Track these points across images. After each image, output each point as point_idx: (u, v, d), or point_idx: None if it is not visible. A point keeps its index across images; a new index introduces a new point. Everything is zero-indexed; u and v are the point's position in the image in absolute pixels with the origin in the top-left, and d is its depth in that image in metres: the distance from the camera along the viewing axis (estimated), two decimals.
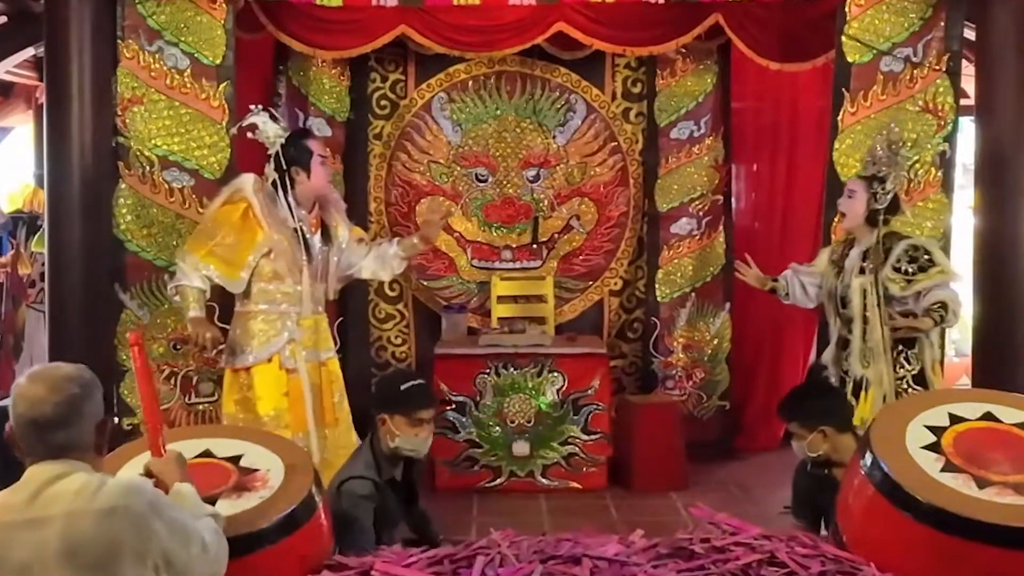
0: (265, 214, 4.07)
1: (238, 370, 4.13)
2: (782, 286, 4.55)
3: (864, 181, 4.18)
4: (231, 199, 4.11)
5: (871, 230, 4.16)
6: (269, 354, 4.10)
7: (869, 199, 4.14)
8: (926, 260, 4.07)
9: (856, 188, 4.18)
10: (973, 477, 2.77)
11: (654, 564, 2.72)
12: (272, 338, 4.10)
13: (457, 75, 6.07)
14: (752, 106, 6.29)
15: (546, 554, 2.78)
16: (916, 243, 4.16)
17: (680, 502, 4.95)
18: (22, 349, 6.43)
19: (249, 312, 4.17)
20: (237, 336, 4.16)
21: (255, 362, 4.10)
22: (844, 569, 2.70)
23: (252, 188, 4.09)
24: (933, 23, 4.87)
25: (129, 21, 4.85)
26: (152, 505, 2.12)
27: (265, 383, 4.09)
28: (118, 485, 2.13)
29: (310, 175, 4.16)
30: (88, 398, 2.22)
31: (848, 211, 4.19)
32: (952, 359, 6.12)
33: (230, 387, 4.17)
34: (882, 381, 4.06)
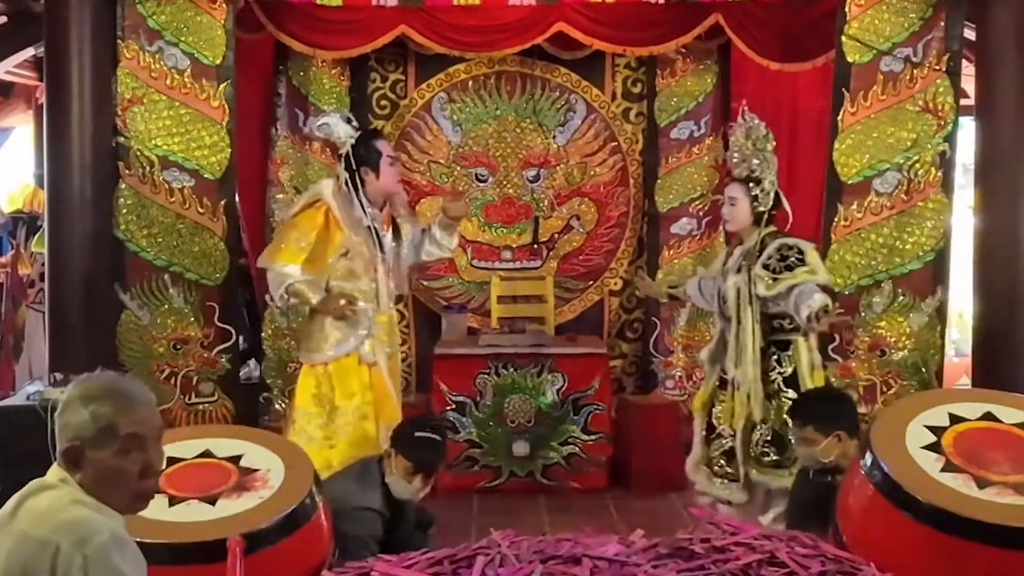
0: (343, 216, 4.13)
1: (315, 365, 4.18)
2: (680, 291, 4.55)
3: (742, 185, 4.08)
4: (310, 203, 4.18)
5: (757, 229, 4.09)
6: (348, 350, 4.14)
7: (751, 202, 4.07)
8: (796, 259, 3.95)
9: (737, 195, 4.09)
10: (973, 477, 2.77)
11: (654, 564, 2.72)
12: (351, 334, 4.14)
13: (457, 75, 6.07)
14: (752, 106, 6.27)
15: (546, 554, 2.78)
16: (790, 242, 4.02)
17: (680, 502, 4.95)
18: (22, 349, 6.43)
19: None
20: (314, 333, 4.19)
21: (334, 357, 4.15)
22: (844, 569, 2.69)
23: (331, 192, 4.17)
24: (933, 23, 4.87)
25: (129, 21, 4.85)
26: (89, 559, 1.86)
27: (345, 377, 4.14)
28: (68, 521, 1.90)
29: (379, 175, 4.20)
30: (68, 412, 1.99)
31: (731, 218, 4.13)
32: (952, 359, 6.12)
33: (306, 381, 4.20)
34: (748, 380, 4.01)
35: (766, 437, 4.02)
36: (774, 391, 4.04)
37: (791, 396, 3.99)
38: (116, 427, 1.94)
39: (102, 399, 1.96)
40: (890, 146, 4.90)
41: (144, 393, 2.03)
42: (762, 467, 4.02)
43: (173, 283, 4.94)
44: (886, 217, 4.92)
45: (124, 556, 1.91)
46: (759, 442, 4.04)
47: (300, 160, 6.01)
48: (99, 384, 2.00)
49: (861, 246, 4.94)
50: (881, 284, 4.94)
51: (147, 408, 2.01)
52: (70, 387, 2.00)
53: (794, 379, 4.03)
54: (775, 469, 4.00)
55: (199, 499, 2.97)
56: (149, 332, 4.93)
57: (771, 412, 4.02)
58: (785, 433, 3.95)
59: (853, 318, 4.89)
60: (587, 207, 6.20)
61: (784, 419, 3.94)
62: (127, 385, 2.03)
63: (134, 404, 1.98)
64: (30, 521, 1.92)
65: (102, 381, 2.01)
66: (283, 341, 6.01)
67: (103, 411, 1.95)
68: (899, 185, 4.91)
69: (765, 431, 4.02)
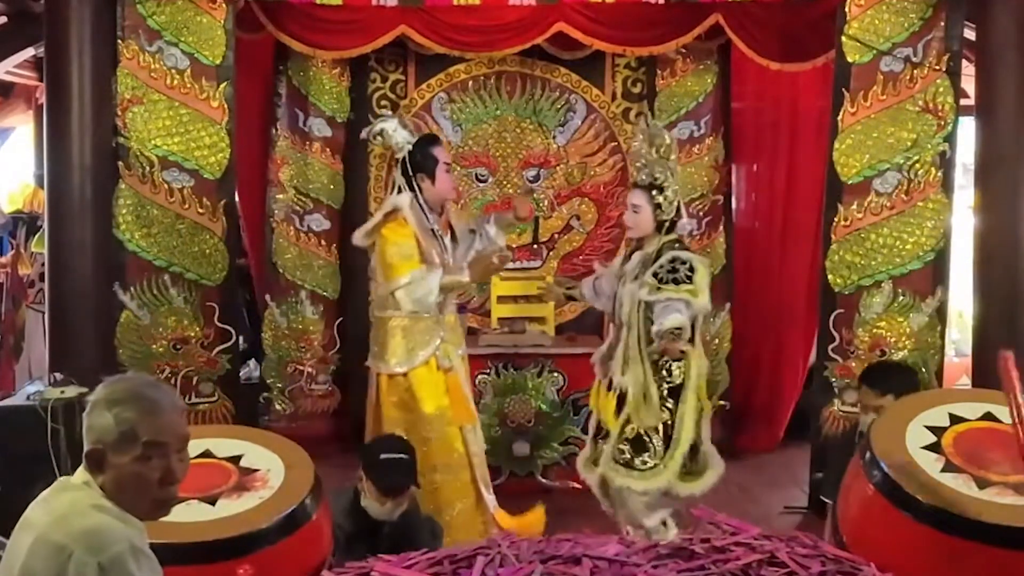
0: (418, 226, 4.14)
1: (394, 376, 4.18)
2: (576, 292, 4.53)
3: (645, 192, 4.06)
4: (388, 214, 4.16)
5: (658, 236, 4.07)
6: (425, 357, 4.15)
7: (654, 210, 4.05)
8: (685, 275, 3.93)
9: (640, 202, 4.06)
10: (973, 477, 2.77)
11: (654, 564, 2.72)
12: (425, 342, 4.15)
13: (457, 75, 6.07)
14: (752, 106, 6.29)
15: (546, 554, 2.77)
16: (684, 256, 3.99)
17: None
18: (22, 349, 6.43)
19: (394, 318, 4.19)
20: (386, 342, 4.19)
21: (411, 367, 4.15)
22: (844, 569, 2.69)
23: (408, 204, 4.15)
24: (933, 23, 4.87)
25: (129, 21, 4.85)
26: (103, 568, 1.85)
27: (425, 385, 4.15)
28: (86, 528, 1.90)
29: (435, 182, 4.20)
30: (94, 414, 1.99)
31: (634, 225, 4.10)
32: (952, 359, 6.11)
33: (388, 391, 4.20)
34: (638, 388, 4.01)
35: (629, 435, 4.03)
36: (660, 399, 4.03)
37: (670, 407, 4.00)
38: (137, 433, 1.94)
39: (126, 403, 1.96)
40: (890, 146, 4.90)
41: (170, 400, 2.02)
42: (614, 463, 4.04)
43: (173, 283, 4.95)
44: (886, 217, 4.92)
45: (140, 566, 1.90)
46: (623, 437, 4.05)
47: (300, 160, 6.01)
48: (126, 388, 1.99)
49: (861, 246, 4.94)
50: (881, 284, 4.94)
51: (171, 415, 1.99)
52: (99, 388, 2.00)
53: (677, 391, 4.03)
54: (625, 468, 4.03)
55: (199, 499, 2.97)
56: (149, 332, 4.93)
57: (643, 414, 4.01)
58: (648, 439, 4.01)
59: (853, 318, 4.91)
60: (587, 207, 6.20)
61: (655, 425, 3.98)
62: (153, 391, 2.01)
63: (158, 411, 1.97)
64: (49, 523, 1.92)
65: (129, 385, 2.00)
66: (283, 341, 6.02)
67: (126, 416, 1.94)
68: (899, 185, 4.90)
69: (631, 430, 4.03)
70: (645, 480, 4.00)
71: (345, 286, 6.13)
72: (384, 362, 4.21)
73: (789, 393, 6.16)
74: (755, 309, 6.23)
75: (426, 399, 4.15)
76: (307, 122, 5.99)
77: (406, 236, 4.12)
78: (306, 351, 6.07)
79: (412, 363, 4.16)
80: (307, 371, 6.07)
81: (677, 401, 4.02)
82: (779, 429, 6.18)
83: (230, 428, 4.19)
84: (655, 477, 4.00)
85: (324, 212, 6.05)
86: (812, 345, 5.61)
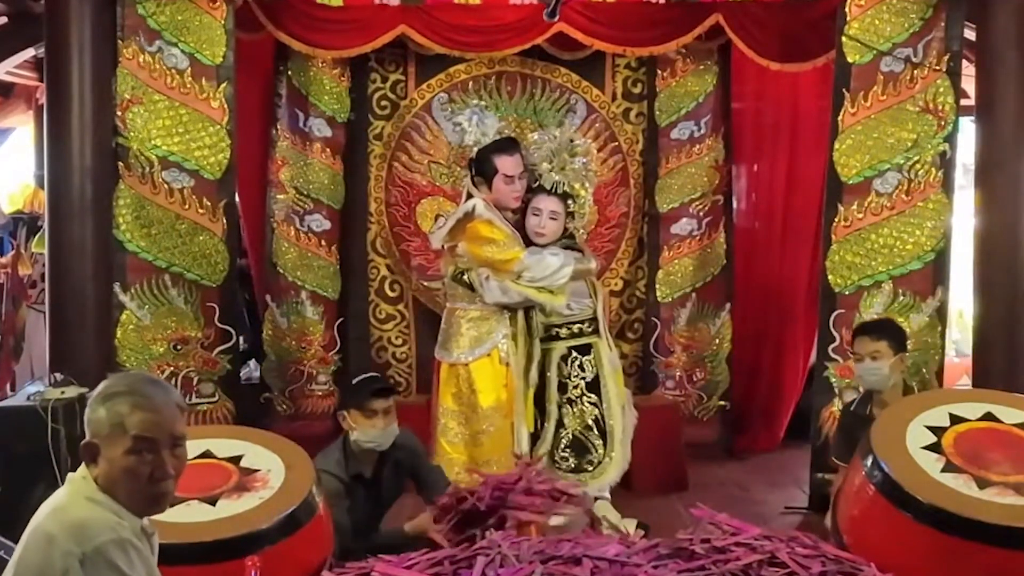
0: (500, 222, 4.24)
1: (455, 364, 4.26)
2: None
3: (560, 201, 4.24)
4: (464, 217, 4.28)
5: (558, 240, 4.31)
6: (488, 349, 4.22)
7: (567, 217, 4.27)
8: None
9: (558, 209, 4.25)
10: (973, 477, 2.77)
11: (654, 564, 2.72)
12: (489, 334, 4.22)
13: (457, 75, 6.06)
14: (752, 106, 6.29)
15: (546, 554, 2.78)
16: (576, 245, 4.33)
17: (680, 503, 4.95)
18: (22, 350, 6.43)
19: (463, 309, 4.31)
20: (452, 332, 4.28)
21: (474, 358, 4.23)
22: (844, 569, 2.69)
23: (483, 206, 4.27)
24: (933, 23, 4.87)
25: (129, 21, 4.85)
26: (87, 558, 1.86)
27: (485, 377, 4.22)
28: (75, 519, 1.92)
29: (491, 189, 4.29)
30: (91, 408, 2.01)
31: (548, 232, 4.26)
32: (952, 359, 6.12)
33: (447, 381, 4.29)
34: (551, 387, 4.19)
35: (566, 442, 4.14)
36: (576, 396, 4.17)
37: (593, 400, 4.18)
38: (126, 426, 1.95)
39: (120, 397, 1.98)
40: (890, 146, 4.90)
41: (164, 397, 2.01)
42: (561, 472, 4.14)
43: (173, 283, 4.95)
44: (886, 217, 4.92)
45: (128, 559, 1.91)
46: (560, 446, 4.17)
47: (300, 160, 6.00)
48: (122, 383, 2.02)
49: (861, 246, 4.94)
50: (881, 284, 4.94)
51: (164, 411, 1.99)
52: (101, 383, 2.02)
53: (596, 384, 4.19)
54: (573, 474, 4.14)
55: (199, 499, 2.97)
56: (149, 332, 4.93)
57: (573, 418, 4.15)
58: (584, 439, 4.13)
59: (853, 318, 4.91)
60: None
61: (587, 424, 4.15)
62: (149, 387, 2.02)
63: (150, 406, 1.97)
64: (45, 513, 1.96)
65: (127, 380, 2.03)
66: (283, 342, 6.02)
67: (118, 409, 1.96)
68: (899, 185, 4.90)
69: (565, 436, 4.14)
70: (595, 479, 4.18)
71: (345, 286, 6.12)
72: (447, 351, 4.29)
73: (789, 393, 6.16)
74: (755, 309, 6.23)
75: (485, 391, 4.21)
76: (307, 122, 5.98)
77: (497, 230, 4.21)
78: (306, 351, 6.06)
79: (474, 354, 4.22)
80: (307, 371, 6.07)
81: (598, 394, 4.19)
82: (779, 429, 6.18)
83: (230, 428, 4.19)
84: (601, 475, 4.20)
85: (324, 212, 6.04)
86: (812, 345, 5.62)
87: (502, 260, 4.22)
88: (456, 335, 4.24)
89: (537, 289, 4.22)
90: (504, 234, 4.24)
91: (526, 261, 4.20)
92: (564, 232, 4.27)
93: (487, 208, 4.25)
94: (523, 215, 4.35)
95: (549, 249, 4.30)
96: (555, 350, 4.21)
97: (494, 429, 4.15)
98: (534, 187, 4.30)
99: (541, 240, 4.25)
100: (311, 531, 3.00)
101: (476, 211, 4.24)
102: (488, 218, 4.25)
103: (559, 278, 4.19)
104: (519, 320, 4.38)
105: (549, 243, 4.26)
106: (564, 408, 4.13)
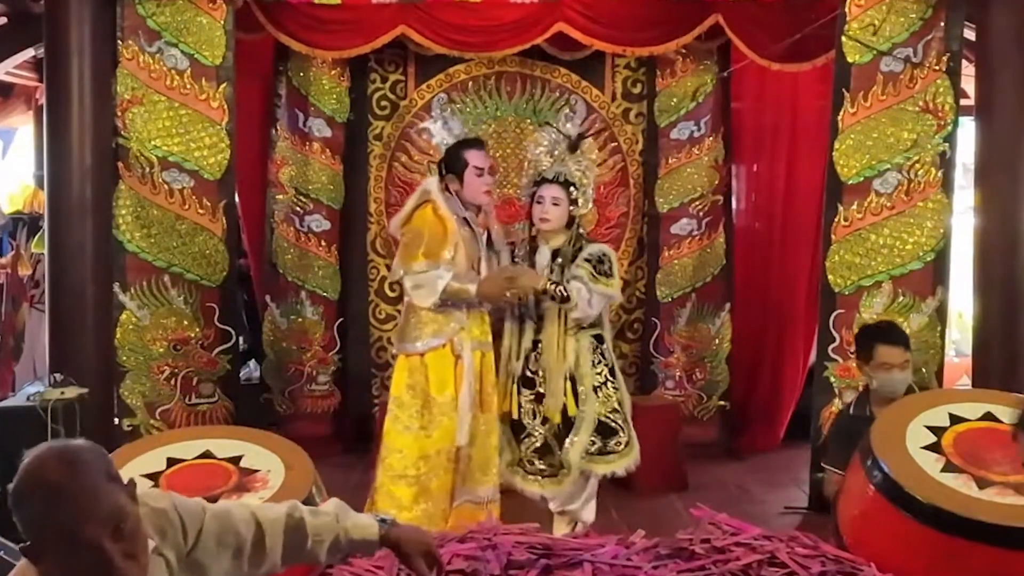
0: (447, 210, 4.22)
1: (411, 355, 4.25)
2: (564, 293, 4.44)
3: (563, 188, 4.25)
4: (420, 203, 4.26)
5: (567, 232, 4.30)
6: (443, 341, 4.21)
7: (570, 204, 4.27)
8: (607, 270, 4.24)
9: (560, 196, 4.25)
10: (973, 477, 2.77)
11: (654, 565, 2.72)
12: (446, 325, 4.21)
13: (457, 76, 6.07)
14: (752, 106, 6.29)
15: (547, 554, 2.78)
16: (606, 252, 4.31)
17: (680, 503, 4.95)
18: (22, 351, 6.43)
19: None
20: (410, 324, 4.26)
21: (430, 348, 4.21)
22: (844, 569, 2.70)
23: (437, 188, 4.27)
24: (933, 23, 4.87)
25: (129, 22, 4.85)
26: None
27: (439, 368, 4.20)
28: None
29: (463, 184, 4.28)
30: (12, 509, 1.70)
31: (552, 217, 4.26)
32: (952, 359, 6.12)
33: (401, 371, 4.26)
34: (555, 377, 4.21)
35: (593, 427, 4.22)
36: (600, 383, 4.25)
37: (616, 384, 4.29)
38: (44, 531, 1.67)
39: (29, 498, 1.68)
40: (890, 146, 4.90)
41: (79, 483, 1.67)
42: (589, 454, 4.22)
43: (173, 284, 4.95)
44: (886, 217, 4.92)
45: None
46: (585, 431, 4.21)
47: (300, 161, 6.01)
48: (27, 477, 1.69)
49: (861, 246, 4.94)
50: (881, 284, 4.94)
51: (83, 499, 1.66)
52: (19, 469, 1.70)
53: (613, 370, 4.32)
54: (600, 456, 4.23)
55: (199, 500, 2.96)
56: (149, 333, 4.93)
57: (600, 403, 4.24)
58: (612, 421, 4.23)
59: (853, 318, 4.91)
60: None
61: (614, 407, 4.25)
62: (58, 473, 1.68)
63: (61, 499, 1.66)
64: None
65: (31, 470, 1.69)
66: (283, 342, 6.02)
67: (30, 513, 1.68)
68: (899, 185, 4.90)
69: (590, 421, 4.21)
70: (623, 459, 4.27)
71: (345, 287, 6.13)
72: (407, 342, 4.27)
73: (789, 393, 6.16)
74: (755, 309, 6.23)
75: (438, 382, 4.20)
76: (307, 122, 5.99)
77: (432, 223, 4.17)
78: (306, 352, 6.07)
79: (431, 344, 4.21)
80: (307, 371, 6.07)
81: (616, 380, 4.31)
82: (779, 429, 6.18)
83: (230, 429, 4.19)
84: (628, 455, 4.27)
85: (324, 213, 6.04)
86: (812, 345, 5.61)
87: (407, 254, 4.20)
88: (416, 326, 4.23)
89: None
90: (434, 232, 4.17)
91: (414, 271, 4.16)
92: (570, 221, 4.28)
93: (442, 194, 4.24)
94: (530, 207, 4.36)
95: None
96: (583, 339, 4.25)
97: (447, 420, 4.15)
98: (537, 179, 4.33)
99: (546, 226, 4.29)
100: None
101: (431, 192, 4.25)
102: (440, 204, 4.22)
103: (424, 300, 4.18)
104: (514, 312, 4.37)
105: (553, 230, 4.27)
106: (592, 394, 4.20)
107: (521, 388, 4.31)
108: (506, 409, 4.33)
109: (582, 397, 4.23)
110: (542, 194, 4.29)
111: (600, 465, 4.25)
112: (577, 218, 4.33)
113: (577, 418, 4.22)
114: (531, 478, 4.30)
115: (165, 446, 3.30)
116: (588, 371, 4.25)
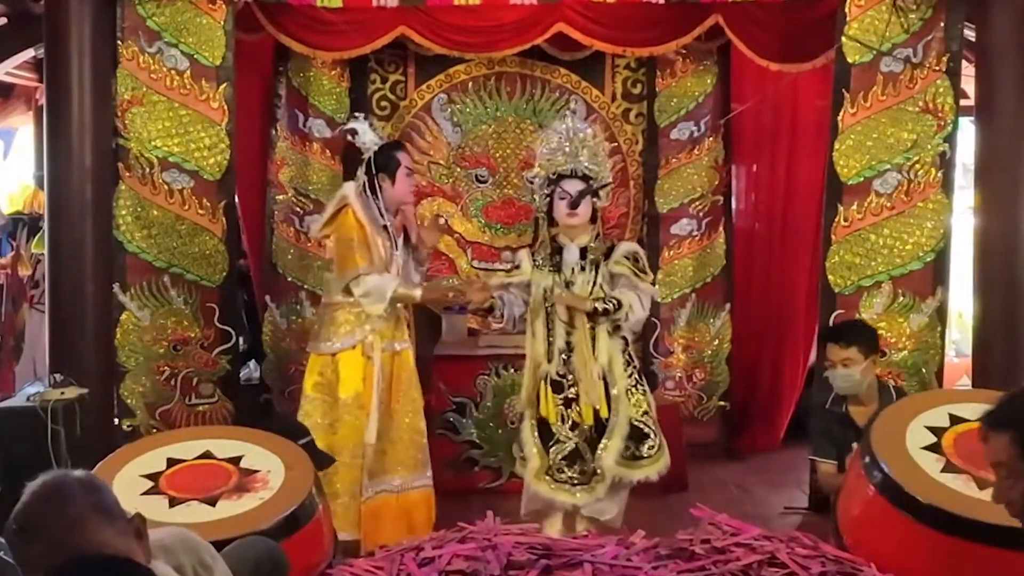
0: (364, 215, 4.30)
1: (322, 354, 4.35)
2: (499, 306, 4.38)
3: (584, 183, 4.22)
4: (338, 209, 4.34)
5: (591, 228, 4.28)
6: (355, 342, 4.30)
7: (593, 200, 4.26)
8: (643, 267, 4.30)
9: (584, 189, 4.23)
10: (973, 477, 2.77)
11: (654, 565, 2.72)
12: (357, 328, 4.30)
13: (457, 76, 6.07)
14: (752, 106, 6.29)
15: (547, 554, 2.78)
16: (638, 249, 4.38)
17: (680, 503, 4.94)
18: (22, 351, 6.43)
19: (337, 303, 4.36)
20: (324, 324, 4.38)
21: (341, 348, 4.31)
22: (844, 570, 2.70)
23: (354, 193, 4.34)
24: (933, 23, 4.87)
25: (129, 22, 4.85)
26: None
27: (349, 368, 4.30)
28: None
29: (394, 183, 4.36)
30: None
31: (580, 211, 4.23)
32: (952, 359, 6.11)
33: (312, 370, 4.37)
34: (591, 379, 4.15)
35: (626, 431, 4.15)
36: (631, 385, 4.21)
37: (644, 388, 4.28)
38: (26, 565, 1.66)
39: (15, 535, 1.68)
40: (890, 146, 4.90)
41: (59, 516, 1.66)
42: (622, 459, 4.14)
43: (173, 284, 4.95)
44: (886, 217, 4.92)
45: None
46: (619, 435, 4.15)
47: (300, 161, 6.01)
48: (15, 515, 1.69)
49: (861, 246, 4.94)
50: (881, 284, 4.94)
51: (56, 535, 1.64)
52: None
53: (641, 373, 4.33)
54: (633, 461, 4.15)
55: (199, 500, 2.97)
56: (149, 333, 4.94)
57: (632, 406, 4.17)
58: (644, 425, 4.16)
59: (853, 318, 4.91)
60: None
61: (644, 410, 4.19)
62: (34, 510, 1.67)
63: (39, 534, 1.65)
64: None
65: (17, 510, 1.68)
66: (283, 342, 6.02)
67: (14, 550, 1.67)
68: (899, 186, 4.90)
69: (623, 425, 4.15)
70: (655, 464, 4.18)
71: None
72: (321, 342, 4.36)
73: (789, 393, 6.16)
74: (755, 309, 6.23)
75: (346, 381, 4.29)
76: (307, 123, 5.99)
77: (356, 228, 4.26)
78: (306, 352, 6.06)
79: (343, 345, 4.30)
80: None
81: (643, 382, 4.30)
82: (779, 429, 6.18)
83: (230, 429, 4.19)
84: (660, 460, 4.20)
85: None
86: (812, 345, 5.61)
87: (345, 258, 4.28)
88: (330, 326, 4.33)
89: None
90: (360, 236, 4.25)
91: (360, 278, 4.23)
92: (593, 216, 4.23)
93: (360, 198, 4.31)
94: (550, 207, 4.32)
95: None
96: (616, 340, 4.21)
97: (351, 418, 4.24)
98: (552, 177, 4.27)
99: (574, 221, 4.23)
100: (311, 532, 3.00)
101: (348, 196, 4.31)
102: (356, 208, 4.28)
103: (376, 302, 4.25)
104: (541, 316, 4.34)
105: (581, 225, 4.22)
106: (624, 397, 4.16)
107: (551, 392, 4.21)
108: (542, 415, 4.22)
109: (615, 400, 4.15)
110: (566, 189, 4.21)
111: (635, 471, 4.15)
112: (600, 212, 4.28)
113: (610, 422, 4.14)
114: (562, 487, 4.17)
115: (165, 446, 3.31)
116: (621, 373, 4.18)
